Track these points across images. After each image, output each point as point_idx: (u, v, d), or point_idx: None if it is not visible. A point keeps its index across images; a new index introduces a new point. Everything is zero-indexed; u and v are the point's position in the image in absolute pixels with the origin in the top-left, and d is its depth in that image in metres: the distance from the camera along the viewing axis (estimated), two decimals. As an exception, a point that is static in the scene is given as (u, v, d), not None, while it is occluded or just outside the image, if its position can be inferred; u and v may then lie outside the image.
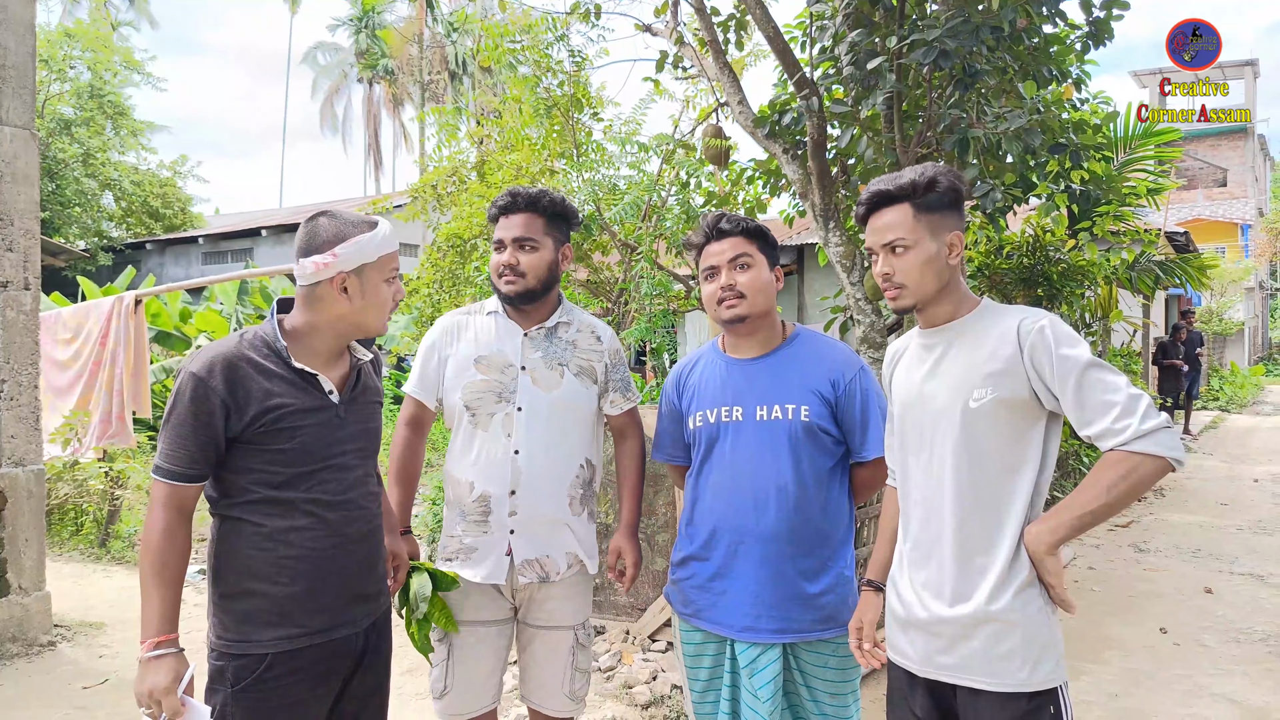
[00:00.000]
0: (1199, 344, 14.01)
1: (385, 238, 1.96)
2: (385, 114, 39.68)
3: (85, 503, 6.67)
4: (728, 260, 2.27)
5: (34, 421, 4.60)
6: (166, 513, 1.83)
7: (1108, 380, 1.72)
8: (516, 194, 2.47)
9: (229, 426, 1.84)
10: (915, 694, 1.94)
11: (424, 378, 2.53)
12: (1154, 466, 1.67)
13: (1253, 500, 8.77)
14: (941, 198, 1.89)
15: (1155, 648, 4.67)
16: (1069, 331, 1.79)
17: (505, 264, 2.43)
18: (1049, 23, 4.84)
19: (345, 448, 1.98)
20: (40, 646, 4.48)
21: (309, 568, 1.90)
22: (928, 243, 1.88)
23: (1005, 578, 1.78)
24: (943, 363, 1.90)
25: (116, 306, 6.48)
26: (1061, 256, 8.00)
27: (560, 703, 2.49)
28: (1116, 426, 1.69)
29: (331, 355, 2.01)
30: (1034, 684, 1.77)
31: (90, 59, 21.85)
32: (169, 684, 1.78)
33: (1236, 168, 32.40)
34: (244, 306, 13.86)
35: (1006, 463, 1.81)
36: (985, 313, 1.90)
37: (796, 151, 5.46)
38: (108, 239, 22.93)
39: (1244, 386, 20.59)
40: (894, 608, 1.99)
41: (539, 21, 6.16)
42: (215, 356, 1.85)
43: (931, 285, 1.89)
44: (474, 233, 6.62)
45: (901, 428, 2.01)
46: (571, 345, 2.51)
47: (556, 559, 2.44)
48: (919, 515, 1.92)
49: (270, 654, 1.87)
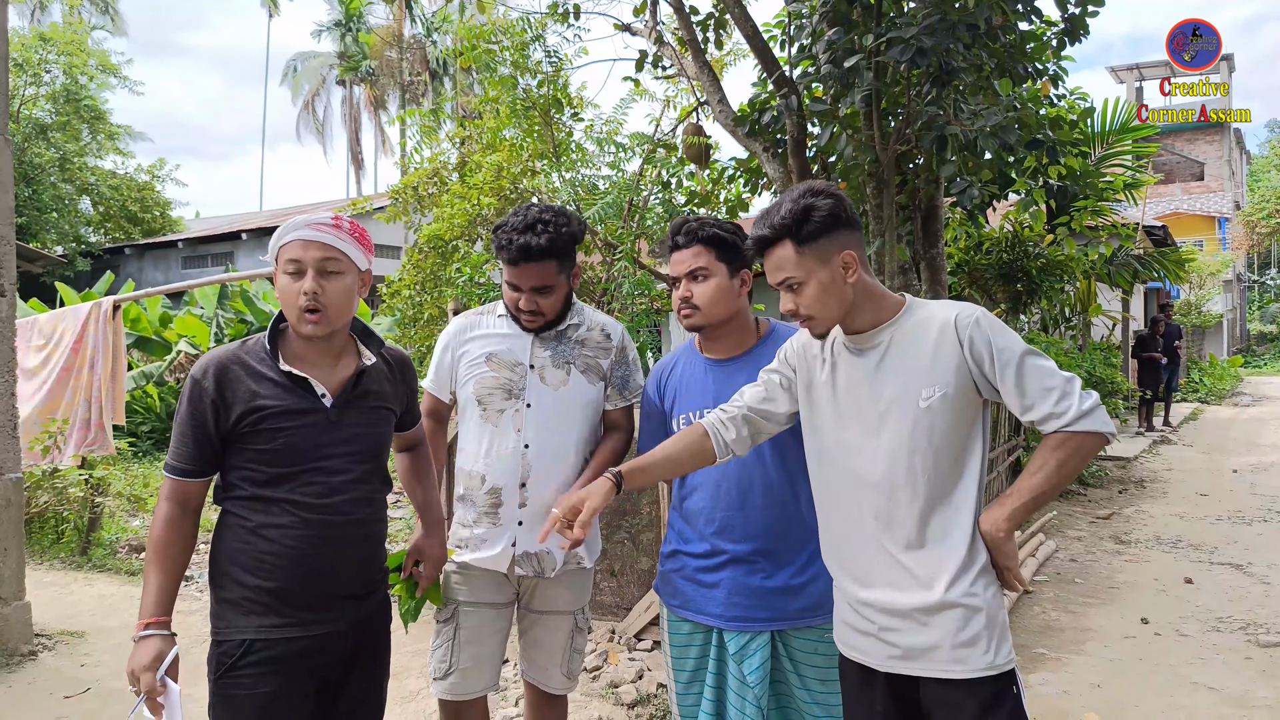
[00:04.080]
0: (1178, 337, 14.15)
1: (283, 229, 1.98)
2: (366, 116, 39.50)
3: (66, 511, 6.60)
4: (684, 273, 2.33)
5: (11, 430, 4.56)
6: (169, 505, 1.96)
7: (1043, 366, 1.79)
8: (529, 247, 2.36)
9: (219, 426, 1.93)
10: (875, 689, 1.94)
11: (438, 373, 2.64)
12: (1095, 443, 1.77)
13: (1232, 490, 8.87)
14: (822, 224, 1.86)
15: (1136, 638, 4.71)
16: (1000, 323, 1.86)
17: (526, 309, 2.46)
18: (1024, 20, 4.88)
19: (334, 450, 1.99)
20: (21, 656, 4.43)
21: (287, 564, 1.93)
22: (819, 273, 1.88)
23: (964, 565, 1.82)
24: (884, 365, 1.90)
25: (94, 312, 6.42)
26: (1040, 252, 8.07)
27: (558, 680, 2.60)
28: (1058, 409, 1.75)
29: (323, 357, 2.03)
30: (999, 665, 1.80)
31: (66, 63, 21.64)
32: (149, 663, 1.85)
33: (1213, 161, 32.75)
34: (224, 310, 13.76)
35: (958, 454, 1.86)
36: (914, 312, 1.92)
37: (777, 150, 5.49)
38: (86, 244, 22.74)
39: (1223, 378, 20.83)
40: (846, 606, 2.00)
41: (515, 23, 6.15)
42: (212, 359, 1.96)
43: (836, 309, 1.91)
44: (455, 234, 6.60)
45: (831, 428, 1.98)
46: (580, 344, 2.57)
47: (555, 555, 2.50)
48: (864, 512, 1.92)
49: (247, 640, 1.92)
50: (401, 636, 2.55)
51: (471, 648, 2.50)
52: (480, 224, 6.54)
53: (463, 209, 6.50)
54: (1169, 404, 14.14)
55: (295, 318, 1.96)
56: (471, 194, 6.46)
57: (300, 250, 1.95)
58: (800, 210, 1.87)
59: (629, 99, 6.64)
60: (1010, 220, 8.17)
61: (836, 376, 1.99)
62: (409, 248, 7.37)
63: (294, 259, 1.95)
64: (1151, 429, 13.26)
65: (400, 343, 7.71)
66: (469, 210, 6.45)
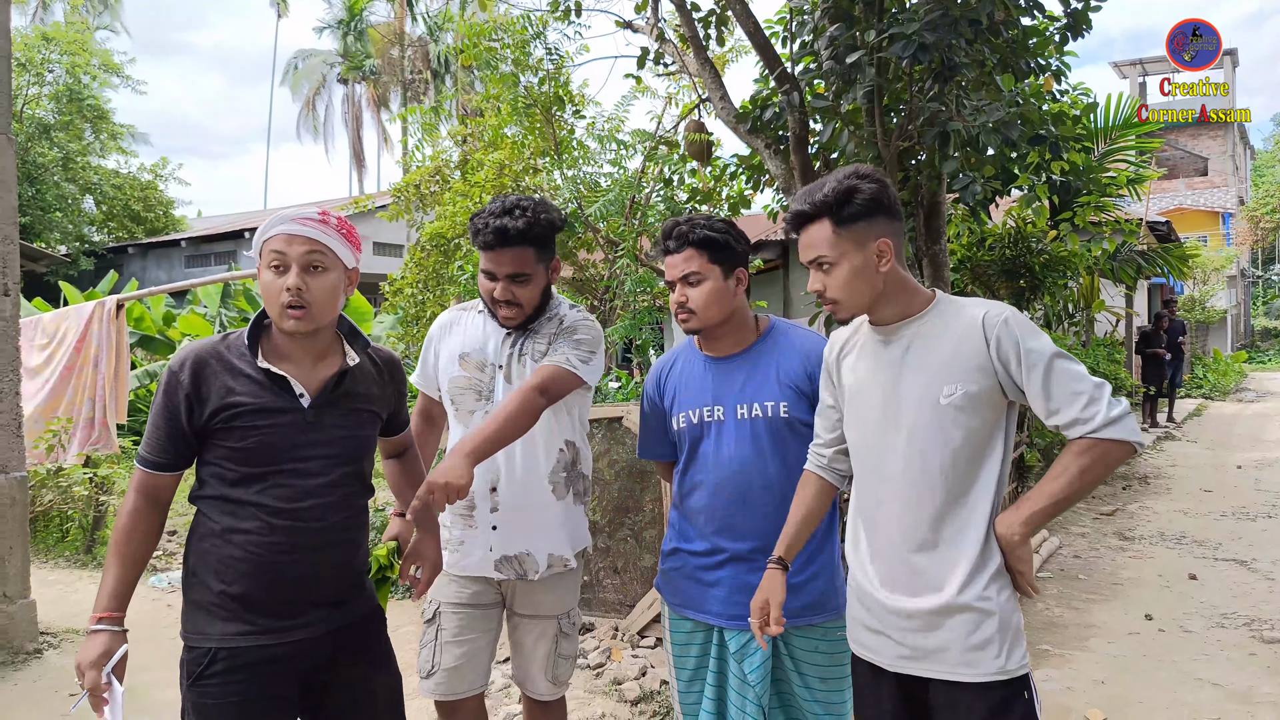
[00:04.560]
0: (1181, 332, 14.12)
1: (268, 223, 1.92)
2: (368, 114, 39.50)
3: (70, 509, 6.62)
4: (678, 276, 2.31)
5: (16, 428, 4.57)
6: (136, 496, 1.92)
7: (1073, 370, 1.75)
8: (505, 230, 2.33)
9: (192, 420, 1.88)
10: (884, 688, 1.93)
11: (423, 370, 2.64)
12: (1121, 451, 1.72)
13: (1236, 486, 8.85)
14: (863, 207, 1.85)
15: (1140, 634, 4.71)
16: (1030, 323, 1.82)
17: (501, 299, 2.41)
18: (1027, 15, 4.86)
19: (310, 452, 1.92)
20: (26, 654, 4.45)
21: (252, 569, 1.87)
22: (853, 255, 1.86)
23: (977, 567, 1.80)
24: (907, 359, 1.88)
25: (98, 311, 6.44)
26: (1043, 248, 8.04)
27: (543, 686, 2.56)
28: (1085, 415, 1.72)
29: (305, 355, 1.97)
30: (1010, 670, 1.78)
31: (68, 62, 21.66)
32: (95, 659, 1.82)
33: (1217, 156, 32.66)
34: (228, 309, 13.78)
35: (976, 454, 1.83)
36: (943, 307, 1.89)
37: (779, 146, 5.47)
38: (89, 243, 22.77)
39: (1227, 374, 20.77)
40: (858, 603, 1.99)
41: (516, 20, 6.14)
42: (190, 352, 1.91)
43: (865, 296, 1.88)
44: (457, 232, 6.61)
45: (856, 422, 1.99)
46: (537, 335, 2.50)
47: (537, 556, 2.46)
48: (884, 510, 1.91)
49: (214, 649, 1.86)
50: (406, 633, 2.54)
51: (455, 648, 2.47)
52: (482, 222, 6.54)
53: (465, 207, 6.51)
54: (1173, 400, 14.11)
55: (277, 313, 1.90)
56: (473, 192, 6.47)
57: (285, 244, 1.88)
58: (843, 190, 1.85)
59: (631, 96, 6.64)
60: (1013, 216, 8.14)
61: (859, 366, 1.98)
62: (411, 246, 7.39)
63: (278, 252, 1.88)
64: (1155, 425, 13.24)
65: (403, 341, 7.72)
66: (471, 208, 6.46)
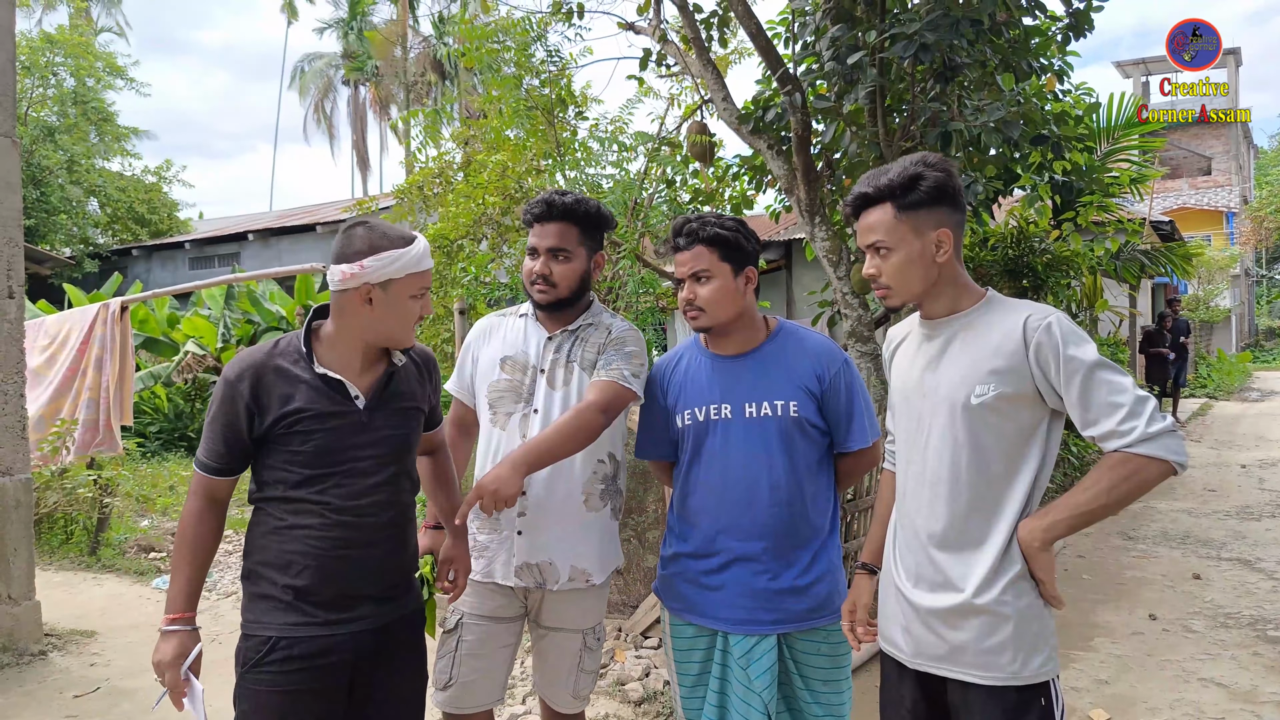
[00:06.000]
0: (1185, 332, 14.10)
1: (415, 257, 1.98)
2: (371, 116, 39.55)
3: (75, 511, 6.63)
4: (688, 274, 2.31)
5: (20, 430, 4.59)
6: (198, 500, 2.00)
7: (1114, 381, 1.69)
8: (551, 202, 2.41)
9: (254, 428, 1.96)
10: (905, 684, 1.93)
11: (460, 377, 2.63)
12: (1158, 470, 1.66)
13: (1240, 486, 8.84)
14: (926, 195, 1.83)
15: (1144, 634, 4.70)
16: (1076, 330, 1.76)
17: (538, 273, 2.43)
18: (1028, 15, 4.87)
19: (365, 453, 2.01)
20: (31, 656, 4.46)
21: (314, 564, 1.96)
22: (911, 242, 1.84)
23: (996, 570, 1.77)
24: (945, 355, 1.86)
25: (102, 313, 6.45)
26: (1046, 247, 8.04)
27: (565, 700, 2.54)
28: (1122, 428, 1.66)
29: (361, 360, 2.04)
30: (1025, 677, 1.75)
31: (72, 65, 21.70)
32: (173, 659, 1.91)
33: (1220, 155, 32.61)
34: (232, 311, 13.77)
35: (1006, 458, 1.79)
36: (991, 306, 1.87)
37: (781, 147, 5.48)
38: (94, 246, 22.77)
39: (1231, 373, 20.73)
40: (886, 597, 1.99)
41: (518, 23, 6.14)
42: (247, 363, 1.99)
43: (918, 285, 1.87)
44: (460, 233, 6.61)
45: (899, 415, 1.99)
46: (584, 342, 2.50)
47: (559, 567, 2.42)
48: (913, 505, 1.91)
49: (273, 637, 1.95)
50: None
51: (473, 661, 2.45)
52: (485, 223, 6.55)
53: (468, 208, 6.50)
54: (1177, 399, 14.10)
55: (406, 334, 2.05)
56: (476, 193, 6.47)
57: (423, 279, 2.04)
58: (909, 176, 1.84)
59: (635, 100, 6.64)
60: (1015, 216, 8.14)
61: (903, 360, 1.98)
62: (414, 247, 7.37)
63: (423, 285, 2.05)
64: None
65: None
66: (474, 209, 6.46)
